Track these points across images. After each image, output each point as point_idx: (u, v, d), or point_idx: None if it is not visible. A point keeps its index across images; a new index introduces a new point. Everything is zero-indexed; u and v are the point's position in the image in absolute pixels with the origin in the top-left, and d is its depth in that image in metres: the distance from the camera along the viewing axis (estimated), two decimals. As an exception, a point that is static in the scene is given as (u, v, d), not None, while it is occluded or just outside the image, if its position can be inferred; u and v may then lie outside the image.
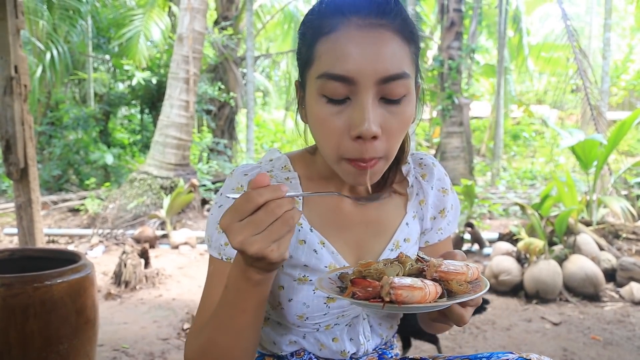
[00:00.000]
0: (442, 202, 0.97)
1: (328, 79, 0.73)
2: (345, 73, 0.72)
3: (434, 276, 0.72)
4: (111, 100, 9.84)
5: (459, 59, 9.04)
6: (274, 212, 0.64)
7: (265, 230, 0.64)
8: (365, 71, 0.72)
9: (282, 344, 0.94)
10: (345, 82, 0.72)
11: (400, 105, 0.76)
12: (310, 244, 0.87)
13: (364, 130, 0.72)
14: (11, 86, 2.98)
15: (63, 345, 1.84)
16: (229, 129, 10.37)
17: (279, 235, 0.64)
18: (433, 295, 0.69)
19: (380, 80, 0.72)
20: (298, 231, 0.87)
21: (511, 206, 7.19)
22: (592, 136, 4.90)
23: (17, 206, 3.16)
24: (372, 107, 0.73)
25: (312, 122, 0.80)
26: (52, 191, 8.25)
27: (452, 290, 0.72)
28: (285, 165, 0.92)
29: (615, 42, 17.12)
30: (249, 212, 0.64)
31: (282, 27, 13.43)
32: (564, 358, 2.64)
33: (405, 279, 0.68)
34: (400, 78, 0.73)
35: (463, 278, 0.74)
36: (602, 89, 7.99)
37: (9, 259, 2.15)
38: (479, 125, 15.86)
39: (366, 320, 0.95)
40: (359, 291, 0.69)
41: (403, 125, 0.77)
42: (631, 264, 3.82)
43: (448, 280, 0.72)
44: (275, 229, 0.64)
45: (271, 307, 0.91)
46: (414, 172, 0.97)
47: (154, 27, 8.94)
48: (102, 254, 4.91)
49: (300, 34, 0.82)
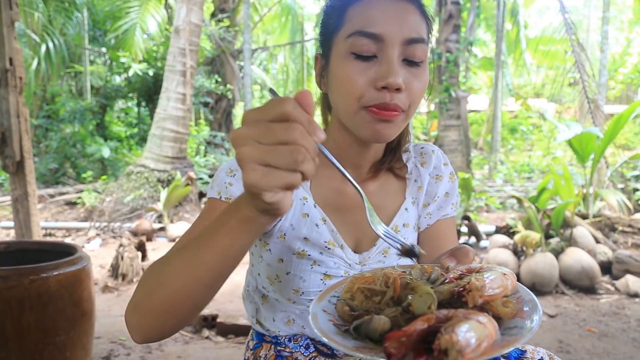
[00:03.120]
0: (435, 188, 0.99)
1: (359, 36, 0.80)
2: (376, 31, 0.79)
3: (478, 303, 0.56)
4: (108, 93, 9.79)
5: (456, 52, 9.01)
6: (290, 134, 0.52)
7: (268, 145, 0.53)
8: (393, 31, 0.80)
9: (280, 321, 0.95)
10: (375, 40, 0.80)
11: (419, 68, 0.83)
12: (312, 218, 0.91)
13: (390, 80, 0.78)
14: (6, 78, 2.96)
15: (60, 337, 1.84)
16: (226, 122, 10.35)
17: (276, 163, 0.53)
18: (494, 333, 0.52)
19: (405, 41, 0.80)
20: (303, 205, 0.91)
21: (508, 199, 7.21)
22: (589, 129, 4.90)
23: (14, 199, 3.15)
24: (397, 64, 0.80)
25: (337, 80, 0.83)
26: (49, 184, 8.23)
27: (498, 314, 0.57)
28: None
29: (613, 36, 17.12)
30: (268, 115, 0.54)
31: (280, 20, 13.37)
32: (559, 350, 2.65)
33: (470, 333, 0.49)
34: (421, 42, 0.82)
35: (503, 293, 0.59)
36: (599, 82, 7.99)
37: (5, 252, 2.14)
38: (477, 118, 15.87)
39: None
40: (393, 348, 0.50)
41: (422, 87, 0.83)
42: (627, 257, 3.84)
43: (491, 302, 0.57)
44: (279, 151, 0.52)
45: (270, 283, 0.93)
46: (414, 160, 1.00)
47: (151, 20, 8.89)
48: (99, 247, 4.90)
49: (327, 6, 0.89)
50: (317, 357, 0.96)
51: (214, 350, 2.55)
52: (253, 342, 1.02)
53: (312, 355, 0.96)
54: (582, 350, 2.66)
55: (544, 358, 0.79)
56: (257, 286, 0.99)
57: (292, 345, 0.96)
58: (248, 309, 1.03)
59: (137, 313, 0.70)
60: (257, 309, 1.00)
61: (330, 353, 0.97)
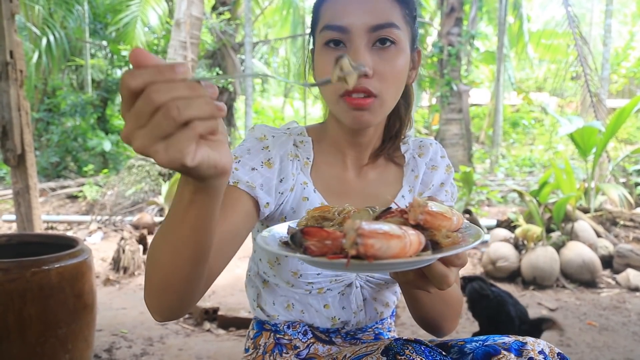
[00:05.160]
0: (430, 177, 1.01)
1: (327, 30, 0.85)
2: (341, 23, 0.84)
3: (419, 219, 0.56)
4: (109, 86, 9.78)
5: (458, 46, 8.98)
6: (152, 100, 0.47)
7: (148, 124, 0.48)
8: (357, 21, 0.83)
9: (279, 305, 0.99)
10: (342, 32, 0.84)
11: (390, 52, 0.85)
12: (312, 202, 0.93)
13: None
14: (7, 71, 2.95)
15: (61, 330, 1.85)
16: (228, 115, 10.33)
17: (164, 132, 0.48)
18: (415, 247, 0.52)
19: (371, 28, 0.83)
20: (303, 189, 0.93)
21: (509, 193, 7.20)
22: (591, 123, 4.88)
23: (15, 193, 3.15)
24: (364, 51, 0.83)
25: (317, 72, 0.90)
26: (50, 178, 8.23)
27: (437, 241, 0.57)
28: (301, 132, 1.00)
29: (616, 29, 17.01)
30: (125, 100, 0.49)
31: (281, 13, 13.30)
32: (560, 343, 2.66)
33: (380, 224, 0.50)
34: (387, 27, 0.84)
35: (449, 225, 0.59)
36: (602, 76, 7.95)
37: (7, 245, 2.15)
38: (478, 112, 15.81)
39: (359, 290, 0.98)
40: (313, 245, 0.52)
41: (394, 70, 0.85)
42: (628, 251, 3.84)
43: (434, 229, 0.58)
44: (157, 123, 0.47)
45: (270, 267, 0.95)
46: (412, 152, 1.03)
47: (151, 13, 8.86)
48: (101, 241, 4.92)
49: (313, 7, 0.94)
50: (315, 344, 0.99)
51: (215, 342, 2.56)
52: (253, 332, 1.05)
53: (310, 342, 0.98)
54: (582, 344, 2.66)
55: (544, 350, 0.79)
56: (258, 271, 1.02)
57: (291, 332, 0.99)
58: (249, 293, 1.06)
59: (146, 295, 0.73)
60: (258, 293, 1.03)
61: (328, 339, 0.99)
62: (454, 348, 0.84)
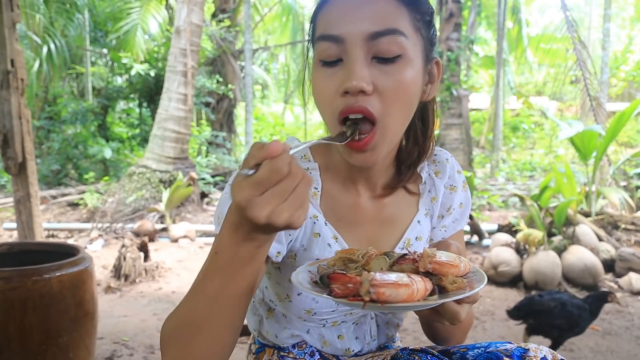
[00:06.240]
0: (449, 199, 0.95)
1: (322, 40, 0.76)
2: (335, 32, 0.73)
3: (428, 268, 0.66)
4: (109, 94, 9.80)
5: (457, 51, 9.00)
6: (297, 176, 0.58)
7: (290, 196, 0.58)
8: (353, 29, 0.72)
9: (284, 336, 0.93)
10: (335, 42, 0.74)
11: (394, 65, 0.73)
12: (324, 237, 0.86)
13: (348, 85, 0.72)
14: (8, 80, 2.96)
15: (62, 338, 1.84)
16: (228, 122, 10.35)
17: (304, 200, 0.60)
18: (422, 293, 0.62)
19: (369, 36, 0.72)
20: (313, 224, 0.85)
21: (510, 197, 7.19)
22: (591, 127, 4.88)
23: (16, 201, 3.16)
24: (361, 65, 0.72)
25: (313, 92, 0.81)
26: (51, 186, 8.24)
27: (444, 287, 0.66)
28: (305, 154, 0.91)
29: (615, 33, 17.05)
30: (274, 182, 0.57)
31: (281, 20, 13.36)
32: (562, 348, 2.65)
33: (389, 275, 0.60)
34: (389, 34, 0.72)
35: (456, 272, 0.68)
36: (601, 80, 7.97)
37: (8, 253, 2.15)
38: (478, 117, 15.83)
39: (374, 320, 0.95)
40: (337, 288, 0.62)
41: (399, 87, 0.74)
42: (630, 255, 3.83)
43: (442, 275, 0.66)
44: (300, 193, 0.59)
45: (278, 299, 0.90)
46: (428, 169, 0.94)
47: (152, 20, 8.90)
48: (102, 248, 4.91)
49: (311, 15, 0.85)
50: None
51: (217, 350, 2.55)
52: (255, 346, 1.00)
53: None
54: (585, 349, 2.65)
55: (546, 356, 0.78)
56: (263, 298, 0.96)
57: (297, 351, 0.94)
58: (250, 321, 1.00)
59: None
60: (259, 321, 0.97)
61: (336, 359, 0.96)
62: (456, 355, 0.83)
